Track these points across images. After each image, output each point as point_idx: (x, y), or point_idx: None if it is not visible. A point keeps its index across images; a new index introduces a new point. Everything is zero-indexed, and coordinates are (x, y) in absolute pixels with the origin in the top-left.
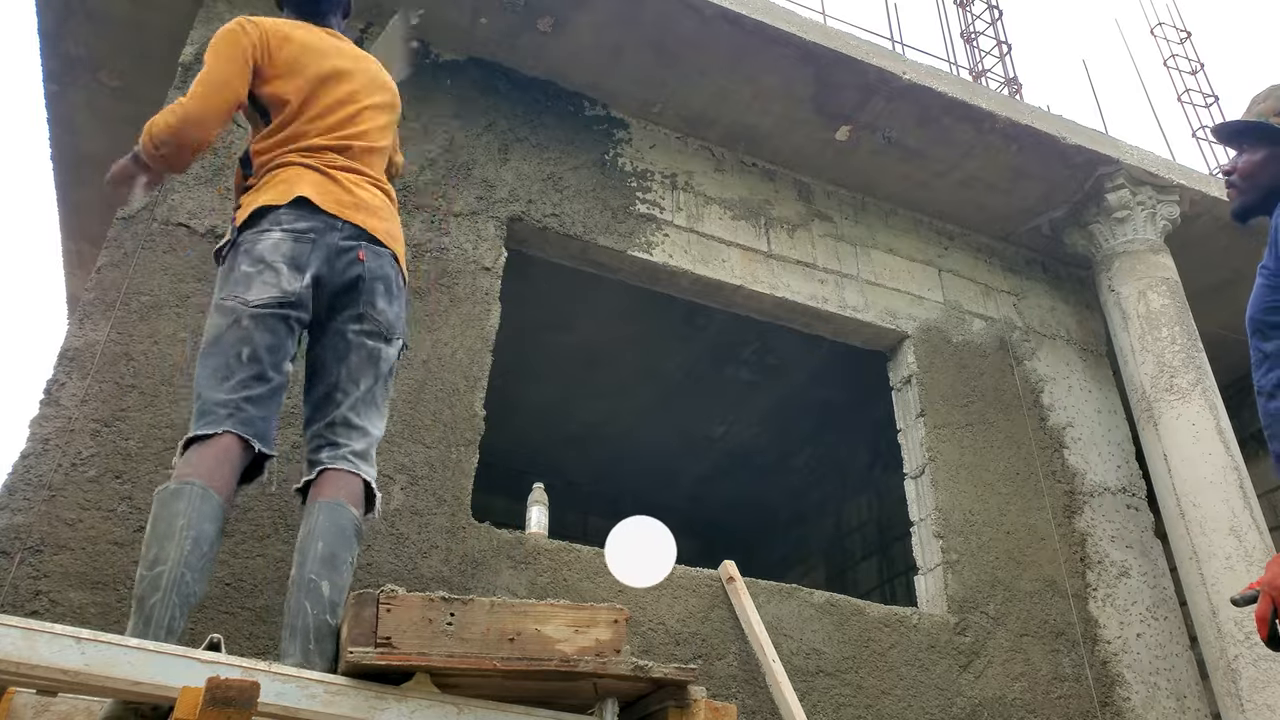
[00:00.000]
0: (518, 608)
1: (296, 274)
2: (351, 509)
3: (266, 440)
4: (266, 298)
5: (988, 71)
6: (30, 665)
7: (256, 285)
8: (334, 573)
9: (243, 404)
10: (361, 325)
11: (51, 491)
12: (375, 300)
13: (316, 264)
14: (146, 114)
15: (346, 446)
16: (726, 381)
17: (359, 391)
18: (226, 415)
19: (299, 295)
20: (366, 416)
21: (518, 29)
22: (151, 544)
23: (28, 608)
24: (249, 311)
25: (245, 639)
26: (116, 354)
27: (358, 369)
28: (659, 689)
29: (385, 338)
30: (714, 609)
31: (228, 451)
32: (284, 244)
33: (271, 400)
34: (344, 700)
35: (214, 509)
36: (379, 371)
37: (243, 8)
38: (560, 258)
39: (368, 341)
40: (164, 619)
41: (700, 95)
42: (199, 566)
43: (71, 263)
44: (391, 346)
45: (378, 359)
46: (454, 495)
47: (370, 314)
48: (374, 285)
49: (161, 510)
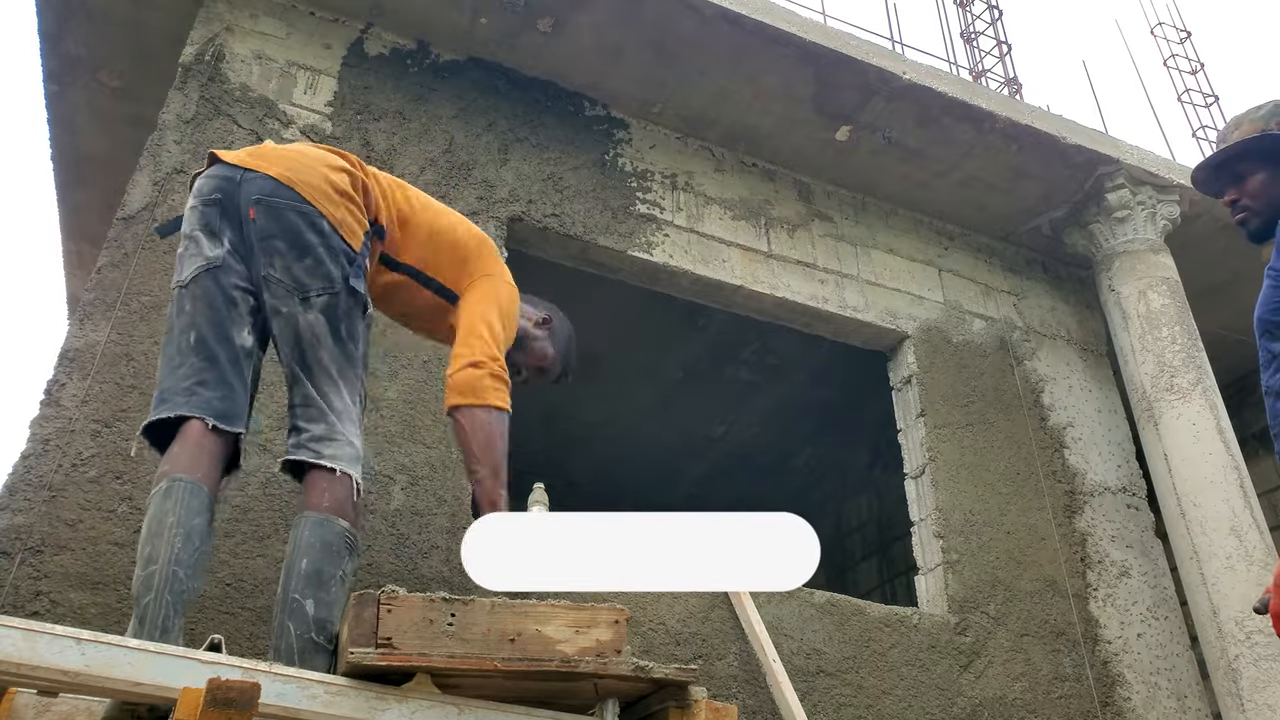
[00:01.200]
0: (518, 608)
1: (213, 240)
2: (339, 521)
3: (230, 418)
4: (193, 270)
5: (988, 71)
6: (31, 666)
7: (185, 262)
8: (320, 589)
9: (196, 388)
10: (270, 292)
11: (52, 492)
12: (274, 260)
13: (229, 229)
14: (147, 114)
15: (306, 432)
16: (726, 381)
17: (299, 365)
18: (183, 402)
19: (220, 259)
20: (322, 389)
21: (518, 29)
22: (145, 544)
23: (28, 608)
24: (186, 292)
25: (246, 639)
26: (117, 354)
27: (284, 341)
28: (660, 689)
29: (301, 298)
30: (714, 609)
31: (199, 440)
32: (195, 212)
33: (229, 378)
34: (344, 701)
35: (202, 502)
36: (302, 339)
37: (242, 10)
38: (560, 258)
39: (281, 308)
40: (158, 618)
41: (700, 95)
42: (191, 562)
43: (72, 263)
44: (310, 308)
45: (295, 324)
46: (454, 495)
47: (272, 276)
48: (271, 244)
49: (153, 510)
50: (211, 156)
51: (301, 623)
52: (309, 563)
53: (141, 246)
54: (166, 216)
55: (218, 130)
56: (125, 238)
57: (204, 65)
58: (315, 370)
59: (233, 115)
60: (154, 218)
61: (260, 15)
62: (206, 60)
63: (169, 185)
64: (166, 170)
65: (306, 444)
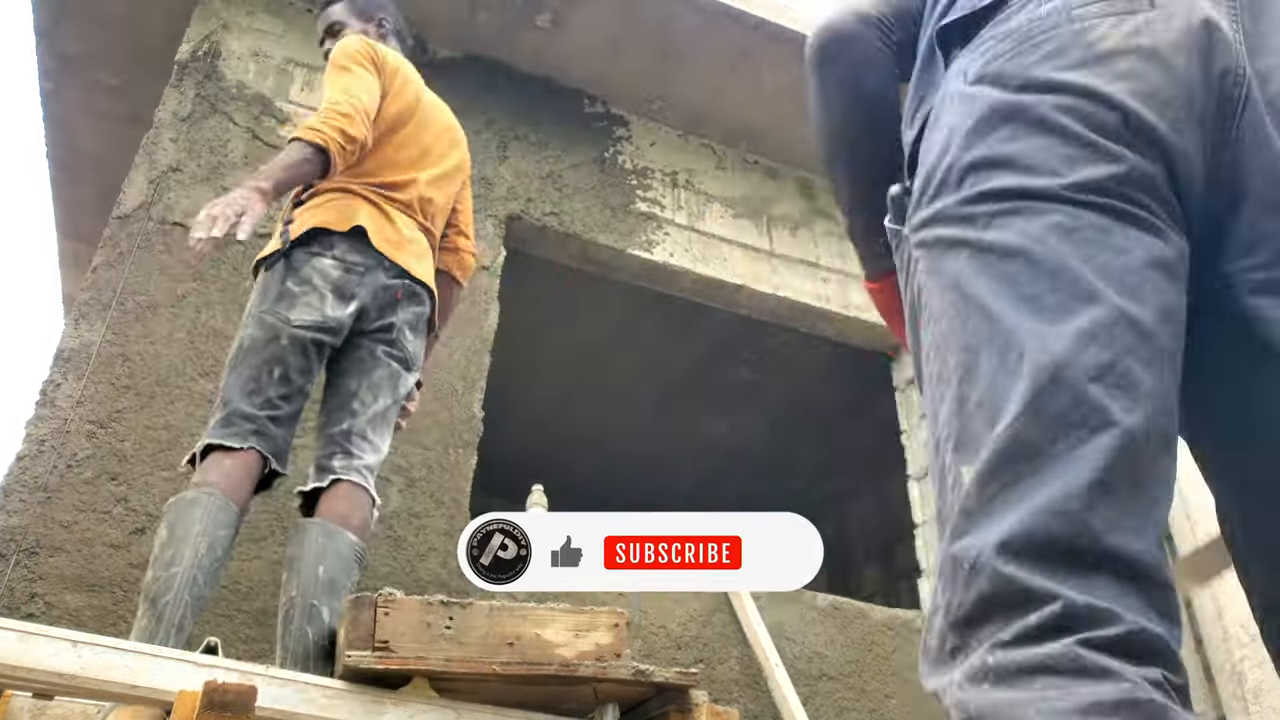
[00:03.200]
0: (517, 611)
1: (341, 302)
2: (353, 537)
3: (282, 460)
4: (309, 320)
5: None
6: (26, 668)
7: (300, 306)
8: (334, 598)
9: (268, 423)
10: (391, 349)
11: (47, 493)
12: (406, 331)
13: (362, 296)
14: (142, 112)
15: (360, 459)
16: (727, 381)
17: (377, 406)
18: (252, 431)
19: (340, 322)
20: (380, 433)
21: (516, 26)
22: (168, 546)
23: (23, 610)
24: (289, 331)
25: (242, 642)
26: (112, 355)
27: (379, 385)
28: (660, 694)
29: (408, 366)
30: (716, 613)
31: (250, 468)
32: (333, 271)
33: (293, 421)
34: (341, 704)
35: (231, 518)
36: (396, 394)
37: (239, 7)
38: (560, 257)
39: (393, 364)
40: (175, 617)
41: (701, 92)
42: (210, 570)
43: (67, 262)
44: (410, 375)
45: (397, 381)
46: (452, 497)
47: (400, 341)
48: (406, 319)
49: (180, 515)
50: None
51: (319, 629)
52: (326, 571)
53: (137, 246)
54: (163, 216)
55: (214, 128)
56: (121, 237)
57: (200, 62)
58: (386, 418)
59: (229, 113)
60: (150, 216)
61: (257, 12)
62: (202, 57)
63: (165, 184)
64: (162, 168)
65: (361, 470)
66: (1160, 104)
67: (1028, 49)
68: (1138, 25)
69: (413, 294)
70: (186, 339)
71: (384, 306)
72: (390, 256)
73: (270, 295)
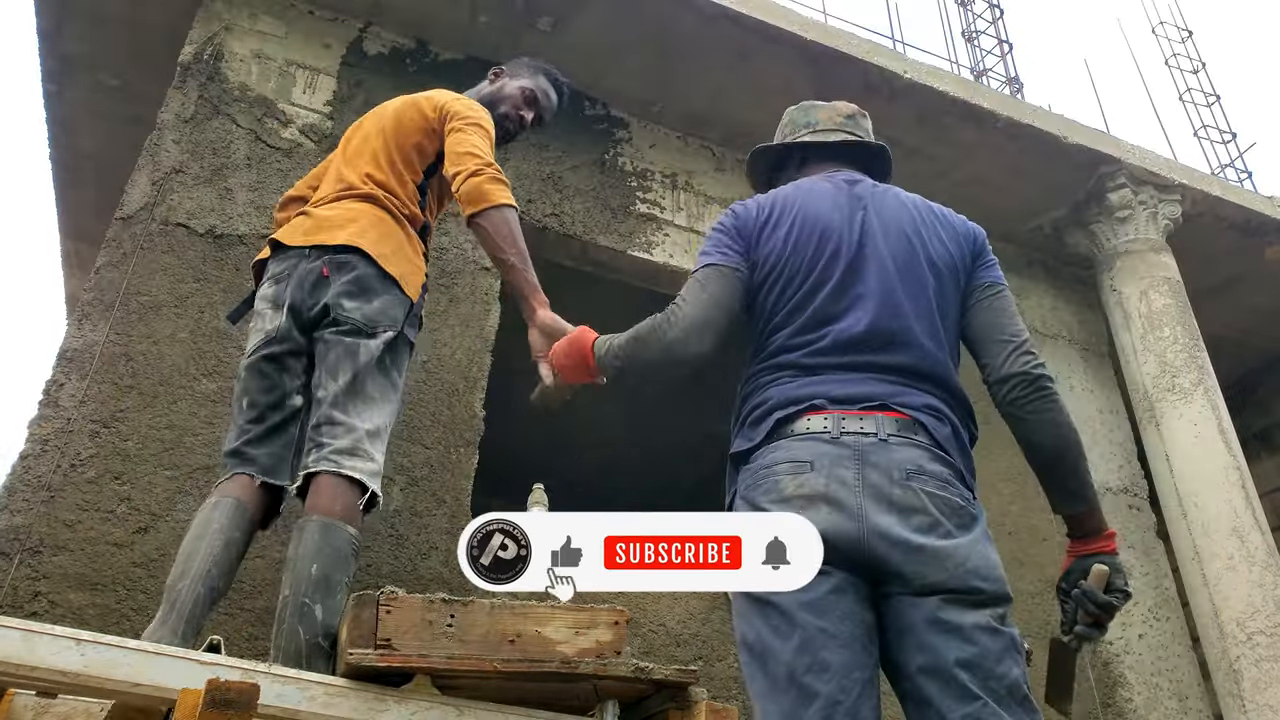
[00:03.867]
0: (518, 609)
1: (277, 311)
2: (347, 527)
3: (274, 473)
4: (255, 344)
5: (989, 70)
6: (30, 667)
7: (251, 336)
8: (328, 596)
9: (244, 448)
10: (335, 328)
11: (50, 493)
12: (343, 302)
13: (290, 294)
14: (145, 113)
15: (329, 445)
16: (727, 381)
17: (338, 385)
18: (236, 463)
19: (280, 330)
20: (354, 410)
21: (517, 28)
22: (186, 545)
23: (27, 609)
24: (244, 364)
25: (245, 640)
26: (115, 355)
27: (335, 364)
28: (660, 691)
29: (364, 332)
30: (715, 610)
31: (243, 485)
32: (269, 289)
33: (273, 437)
34: (344, 702)
35: (245, 520)
36: (358, 362)
37: (241, 9)
38: (560, 258)
39: (344, 338)
40: (188, 604)
41: (701, 94)
42: (225, 565)
43: (70, 263)
44: (374, 339)
45: (355, 351)
46: (454, 496)
47: (340, 314)
48: (340, 289)
49: (201, 518)
50: (274, 243)
51: (310, 628)
52: (319, 568)
53: (140, 246)
54: (165, 217)
55: (216, 130)
56: (124, 237)
57: (203, 64)
58: (358, 390)
59: (231, 114)
60: (153, 217)
61: (259, 14)
62: (205, 59)
63: (167, 185)
64: (165, 170)
65: (329, 456)
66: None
67: (754, 485)
68: (803, 480)
69: (340, 264)
70: (189, 339)
71: (312, 290)
72: (306, 244)
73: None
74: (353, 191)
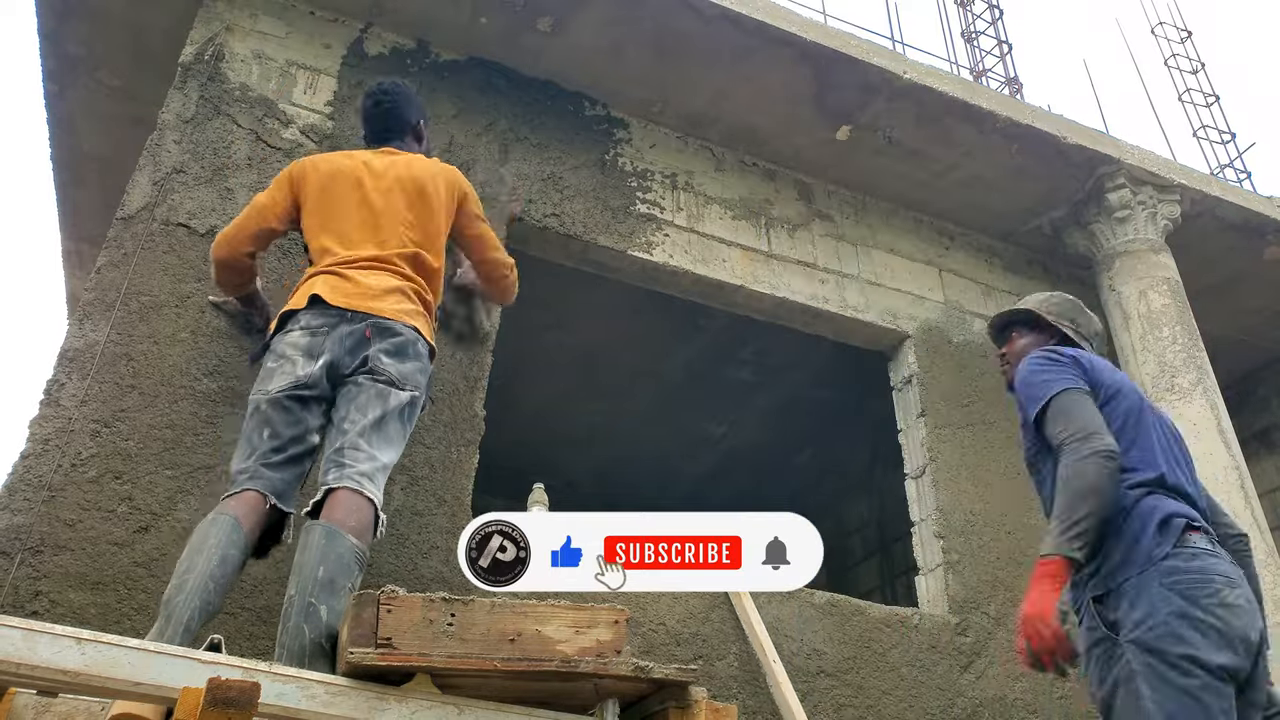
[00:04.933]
0: (518, 608)
1: (311, 360)
2: (353, 539)
3: (284, 499)
4: (284, 384)
5: (988, 71)
6: (31, 666)
7: (276, 377)
8: (332, 597)
9: (261, 468)
10: (372, 375)
11: (51, 492)
12: (381, 358)
13: (330, 351)
14: (146, 114)
15: (353, 467)
16: (726, 381)
17: (366, 420)
18: (247, 479)
19: (312, 377)
20: (376, 444)
21: (518, 28)
22: (184, 560)
23: (28, 608)
24: (268, 399)
25: (245, 639)
26: (116, 354)
27: (365, 403)
28: (660, 689)
29: (396, 385)
30: (715, 609)
31: (251, 503)
32: (301, 339)
33: (290, 466)
34: (344, 701)
35: (241, 539)
36: (387, 406)
37: (242, 9)
38: (560, 258)
39: (377, 384)
40: (184, 616)
41: (700, 95)
42: (222, 580)
43: (71, 263)
44: (403, 391)
45: (386, 396)
46: (454, 495)
47: (378, 367)
48: (380, 349)
49: (198, 533)
50: (314, 298)
51: (315, 627)
52: (326, 571)
53: (141, 246)
54: (166, 217)
55: (217, 130)
56: (125, 237)
57: (204, 65)
58: (382, 429)
59: (232, 115)
60: (154, 217)
61: (260, 15)
62: (206, 60)
63: (169, 185)
64: (166, 170)
65: (351, 475)
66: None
67: (1187, 585)
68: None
69: (382, 329)
70: (190, 339)
71: (355, 348)
72: (350, 307)
73: (257, 379)
74: (399, 273)
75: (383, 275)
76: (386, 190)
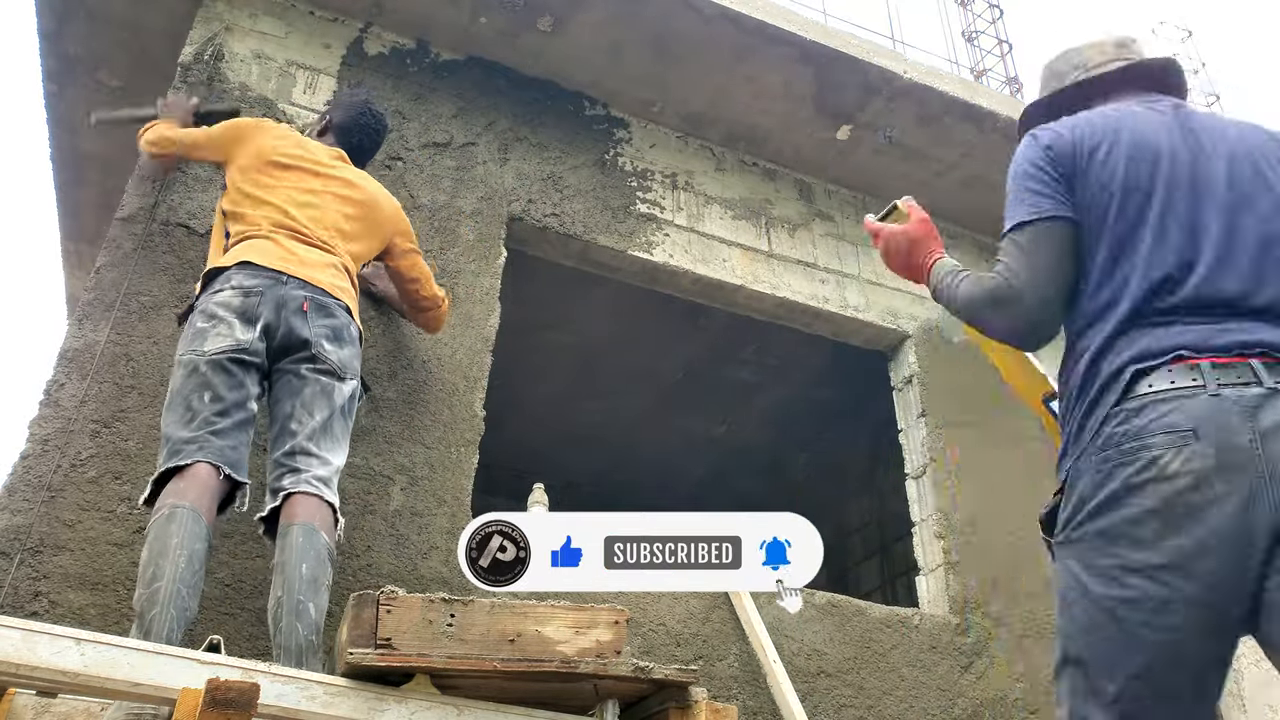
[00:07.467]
0: (518, 609)
1: (248, 325)
2: (324, 535)
3: (237, 468)
4: (223, 345)
5: (989, 70)
6: (30, 666)
7: (211, 337)
8: (316, 595)
9: (209, 437)
10: (314, 364)
11: (51, 492)
12: (323, 342)
13: (265, 315)
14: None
15: (308, 471)
16: (726, 381)
17: (314, 422)
18: (196, 449)
19: (251, 344)
20: (325, 447)
21: (518, 28)
22: (149, 563)
23: (27, 609)
24: (205, 359)
25: (245, 640)
26: (116, 355)
27: (310, 400)
28: (660, 690)
29: (338, 376)
30: (715, 610)
31: (205, 480)
32: (234, 299)
33: (237, 431)
34: (344, 701)
35: (204, 530)
36: (333, 404)
37: (242, 9)
38: (560, 257)
39: (321, 378)
40: (162, 631)
41: (701, 95)
42: (192, 583)
43: (71, 263)
44: (345, 384)
45: (331, 393)
46: (454, 495)
47: (320, 354)
48: (320, 330)
49: (157, 532)
50: (245, 261)
51: (307, 624)
52: (308, 569)
53: (141, 246)
54: (166, 217)
55: None
56: (124, 238)
57: (203, 65)
58: (329, 430)
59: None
60: (153, 217)
61: (259, 15)
62: (205, 60)
63: (168, 185)
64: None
65: (310, 480)
66: None
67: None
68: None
69: (321, 306)
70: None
71: (291, 318)
72: (287, 272)
73: (186, 338)
74: (331, 251)
75: (318, 251)
76: (336, 194)
